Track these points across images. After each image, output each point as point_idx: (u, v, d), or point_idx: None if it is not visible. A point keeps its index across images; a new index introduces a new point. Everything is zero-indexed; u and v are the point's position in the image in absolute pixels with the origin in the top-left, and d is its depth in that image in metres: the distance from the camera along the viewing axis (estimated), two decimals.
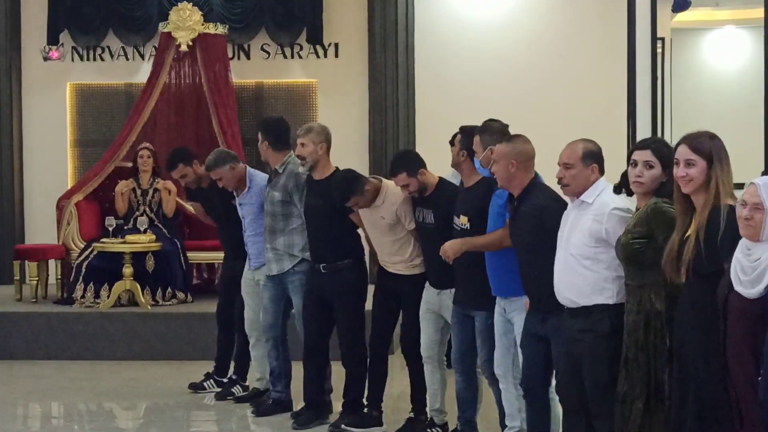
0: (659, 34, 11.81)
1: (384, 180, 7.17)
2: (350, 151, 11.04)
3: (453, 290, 6.62)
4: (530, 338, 5.82)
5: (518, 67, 11.84)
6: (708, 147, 4.77)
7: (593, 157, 5.40)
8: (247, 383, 8.36)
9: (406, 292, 7.05)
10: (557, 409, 5.86)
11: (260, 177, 8.01)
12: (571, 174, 5.39)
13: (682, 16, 12.21)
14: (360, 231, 7.41)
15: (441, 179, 6.88)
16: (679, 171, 4.79)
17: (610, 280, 5.27)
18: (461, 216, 6.42)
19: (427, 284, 6.90)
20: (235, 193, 8.01)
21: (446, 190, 6.77)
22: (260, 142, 7.75)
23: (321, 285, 7.33)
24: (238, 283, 8.15)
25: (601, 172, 5.43)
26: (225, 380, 8.45)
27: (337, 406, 7.55)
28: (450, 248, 6.25)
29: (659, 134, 11.55)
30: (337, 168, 7.38)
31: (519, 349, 5.99)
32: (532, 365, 5.83)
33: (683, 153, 4.79)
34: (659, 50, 11.84)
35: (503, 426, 6.39)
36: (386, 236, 7.05)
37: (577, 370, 5.37)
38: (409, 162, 6.84)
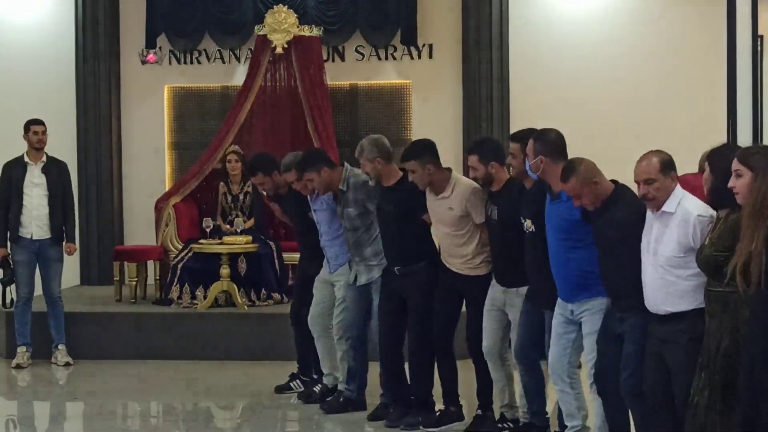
0: (759, 32, 11.58)
1: (455, 172, 7.20)
2: (444, 152, 10.82)
3: (518, 289, 6.68)
4: (608, 336, 5.92)
5: (614, 65, 11.70)
6: (757, 160, 4.86)
7: (670, 166, 5.51)
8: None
9: (470, 292, 7.09)
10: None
11: None
12: (655, 188, 5.48)
13: None
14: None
15: (512, 178, 6.84)
16: (730, 182, 4.93)
17: (701, 285, 5.32)
18: (527, 219, 6.49)
19: (493, 281, 6.94)
20: (309, 199, 8.02)
21: (512, 189, 6.76)
22: (317, 175, 7.70)
23: (396, 286, 7.40)
24: (311, 284, 8.21)
25: (677, 177, 5.54)
26: (308, 380, 8.51)
27: None
28: None
29: (760, 134, 11.34)
30: (404, 172, 7.37)
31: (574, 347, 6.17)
32: (606, 364, 5.92)
33: (734, 164, 4.94)
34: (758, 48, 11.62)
35: (563, 426, 6.48)
36: (452, 229, 7.05)
37: (665, 370, 5.46)
38: (485, 149, 6.89)
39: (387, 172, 7.38)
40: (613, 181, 5.99)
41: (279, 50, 11.17)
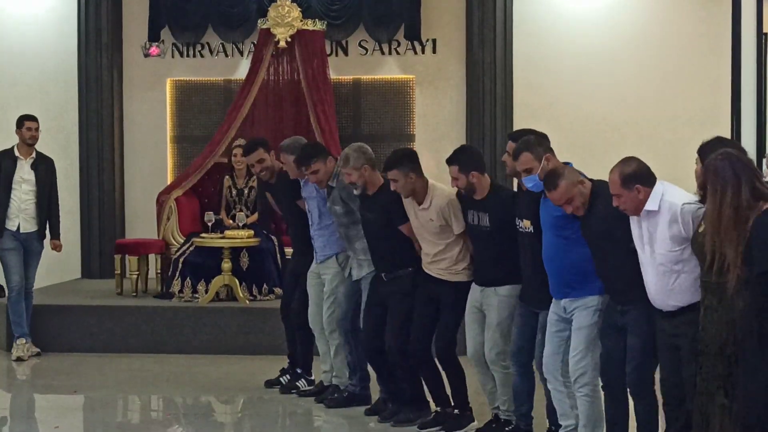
0: (763, 30, 11.56)
1: (433, 182, 7.17)
2: (447, 148, 10.93)
3: (497, 288, 6.68)
4: (611, 330, 5.92)
5: (618, 62, 11.67)
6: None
7: (631, 178, 5.47)
8: (313, 377, 8.40)
9: (447, 297, 7.06)
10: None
11: None
12: (622, 201, 5.50)
13: None
14: None
15: (494, 183, 6.85)
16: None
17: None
18: (524, 220, 6.45)
19: (473, 285, 6.93)
20: (301, 183, 8.01)
21: (502, 194, 6.76)
22: (323, 165, 7.69)
23: (382, 291, 7.41)
24: (301, 280, 8.20)
25: (647, 184, 5.46)
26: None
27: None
28: None
29: (764, 132, 11.32)
30: (386, 180, 7.34)
31: (567, 347, 6.14)
32: (612, 358, 5.91)
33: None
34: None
35: (556, 424, 6.47)
36: (435, 239, 7.04)
37: (679, 365, 5.47)
38: (465, 158, 6.84)
39: (372, 179, 7.37)
40: (589, 180, 5.98)
41: (282, 44, 11.16)
